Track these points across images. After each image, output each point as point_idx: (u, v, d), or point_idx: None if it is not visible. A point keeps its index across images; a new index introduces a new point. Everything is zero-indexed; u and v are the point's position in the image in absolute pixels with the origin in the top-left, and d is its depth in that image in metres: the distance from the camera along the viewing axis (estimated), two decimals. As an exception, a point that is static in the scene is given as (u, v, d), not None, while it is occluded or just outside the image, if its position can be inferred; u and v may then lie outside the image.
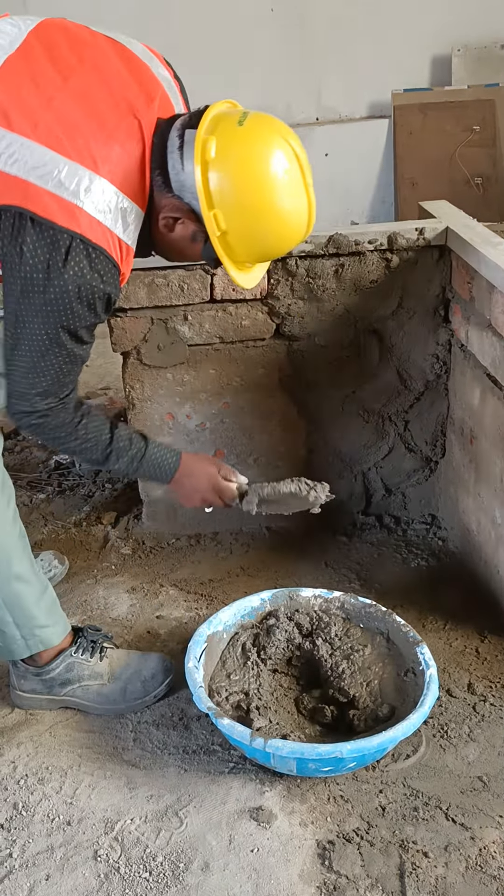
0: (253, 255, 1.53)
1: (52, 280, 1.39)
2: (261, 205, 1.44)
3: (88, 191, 1.38)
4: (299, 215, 1.48)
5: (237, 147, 1.43)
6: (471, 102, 4.85)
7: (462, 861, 1.44)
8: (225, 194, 1.42)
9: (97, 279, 1.42)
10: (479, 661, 1.89)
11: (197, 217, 1.46)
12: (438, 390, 2.27)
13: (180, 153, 1.44)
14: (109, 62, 1.49)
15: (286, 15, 4.87)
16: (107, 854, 1.48)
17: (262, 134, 1.45)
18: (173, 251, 1.57)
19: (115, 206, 1.41)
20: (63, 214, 1.36)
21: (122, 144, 1.42)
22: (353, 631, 1.80)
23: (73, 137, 1.38)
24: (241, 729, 1.52)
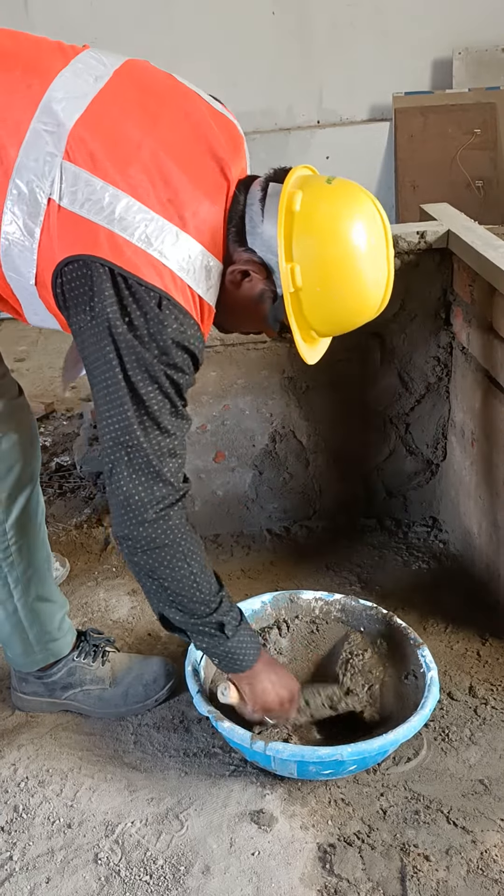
0: (323, 321, 1.41)
1: (154, 336, 1.29)
2: (342, 266, 1.35)
3: (175, 247, 1.28)
4: (378, 286, 1.39)
5: (325, 204, 1.35)
6: (472, 105, 4.85)
7: (463, 865, 1.43)
8: (306, 250, 1.33)
9: (189, 338, 1.32)
10: (480, 663, 1.89)
11: (268, 274, 1.37)
12: (440, 393, 2.27)
13: (261, 206, 1.35)
14: (198, 111, 1.39)
15: (287, 18, 4.88)
16: (107, 857, 1.47)
17: (352, 196, 1.37)
18: (236, 313, 1.45)
19: (200, 265, 1.32)
20: (149, 270, 1.27)
21: (210, 200, 1.34)
22: (353, 636, 1.80)
23: (162, 189, 1.29)
24: (242, 732, 1.52)
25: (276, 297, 1.38)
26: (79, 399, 3.31)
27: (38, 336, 3.97)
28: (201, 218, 1.32)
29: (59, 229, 1.28)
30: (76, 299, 1.30)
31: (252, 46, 4.85)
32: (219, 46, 4.77)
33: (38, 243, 1.30)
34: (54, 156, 1.28)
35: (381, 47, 4.95)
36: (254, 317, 1.44)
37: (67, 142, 1.28)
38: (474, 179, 4.88)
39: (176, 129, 1.35)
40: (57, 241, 1.29)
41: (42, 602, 1.70)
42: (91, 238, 1.26)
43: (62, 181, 1.27)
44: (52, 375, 3.54)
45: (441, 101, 4.91)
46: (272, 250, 1.35)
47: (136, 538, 1.38)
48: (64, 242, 1.28)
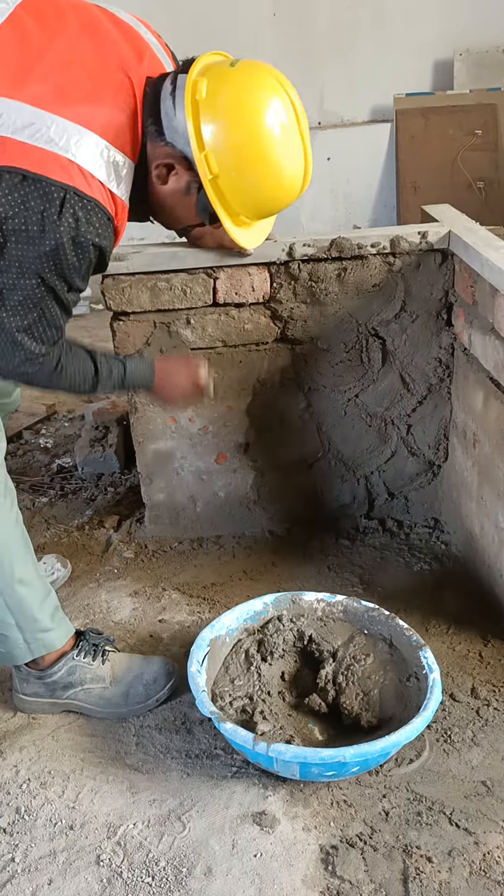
0: (247, 205, 1.47)
1: (47, 232, 1.38)
2: (253, 148, 1.40)
3: (79, 145, 1.37)
4: (295, 164, 1.43)
5: (230, 88, 1.40)
6: (473, 106, 4.86)
7: (466, 866, 1.43)
8: (216, 136, 1.38)
9: (92, 231, 1.41)
10: (482, 665, 1.89)
11: (190, 165, 1.43)
12: (441, 394, 2.27)
13: (172, 98, 1.42)
14: (97, 24, 1.49)
15: (288, 19, 4.89)
16: (109, 859, 1.47)
17: (257, 77, 1.42)
18: (169, 208, 1.53)
19: (108, 160, 1.40)
20: (55, 168, 1.36)
21: (112, 99, 1.42)
22: (357, 639, 1.79)
23: (62, 95, 1.38)
24: (244, 733, 1.52)
25: (201, 186, 1.44)
26: (80, 401, 3.31)
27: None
28: (103, 116, 1.40)
29: None
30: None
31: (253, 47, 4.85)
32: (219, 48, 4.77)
33: None
34: None
35: (381, 49, 4.97)
36: (186, 208, 1.51)
37: None
38: (475, 180, 4.89)
39: (74, 40, 1.44)
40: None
41: (23, 585, 1.68)
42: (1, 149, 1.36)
43: None
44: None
45: (442, 102, 4.92)
46: (188, 142, 1.40)
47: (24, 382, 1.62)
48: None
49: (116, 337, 2.16)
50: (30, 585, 1.69)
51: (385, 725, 1.65)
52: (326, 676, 1.74)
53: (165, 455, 2.29)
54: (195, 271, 2.07)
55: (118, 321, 2.14)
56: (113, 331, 2.15)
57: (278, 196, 1.47)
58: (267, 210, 1.52)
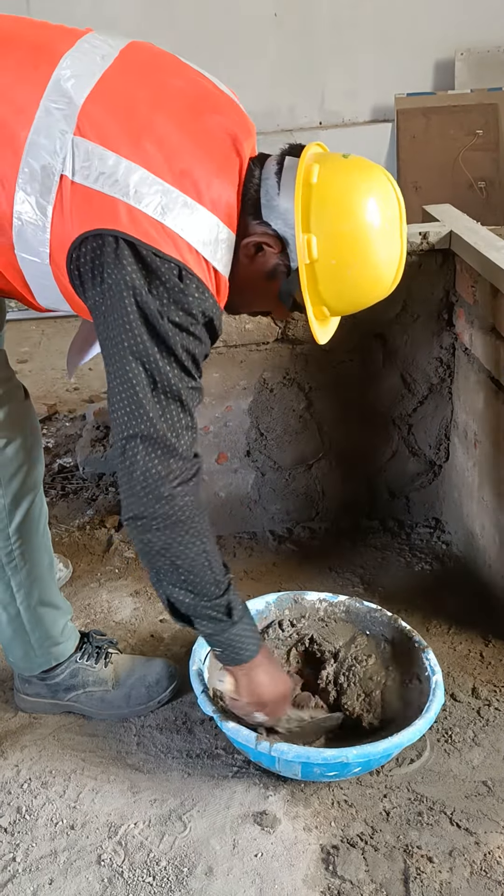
0: (336, 296, 1.39)
1: (178, 304, 1.28)
2: (357, 237, 1.34)
3: (190, 219, 1.28)
4: (392, 262, 1.38)
5: (342, 177, 1.36)
6: (474, 106, 4.86)
7: (467, 866, 1.43)
8: (322, 221, 1.32)
9: (209, 307, 1.32)
10: (483, 665, 1.89)
11: (283, 248, 1.37)
12: (442, 394, 2.27)
13: (277, 179, 1.36)
14: (205, 89, 1.41)
15: (290, 19, 4.89)
16: (110, 858, 1.47)
17: (368, 171, 1.38)
18: (247, 288, 1.42)
19: (216, 238, 1.32)
20: (167, 242, 1.26)
21: (224, 174, 1.33)
22: (359, 640, 1.79)
23: (175, 162, 1.28)
24: (247, 733, 1.52)
25: (290, 271, 1.38)
26: (81, 400, 3.31)
27: (41, 337, 3.97)
28: (216, 191, 1.31)
29: (72, 205, 1.27)
30: (93, 273, 1.28)
31: (254, 47, 4.86)
32: (221, 47, 4.78)
33: (50, 221, 1.29)
34: (66, 132, 1.27)
35: (383, 48, 4.96)
36: (265, 293, 1.43)
37: (78, 118, 1.27)
38: (476, 180, 4.89)
39: (185, 105, 1.35)
40: (71, 218, 1.28)
41: (45, 607, 1.70)
42: (107, 212, 1.25)
43: (74, 157, 1.26)
44: (54, 377, 3.55)
45: (443, 102, 4.92)
46: (288, 223, 1.35)
47: (150, 515, 1.33)
48: (78, 218, 1.27)
49: (117, 337, 2.15)
50: (51, 606, 1.72)
51: (387, 727, 1.64)
52: (328, 677, 1.74)
53: (166, 455, 2.29)
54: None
55: (119, 321, 2.14)
56: (114, 331, 2.15)
57: (369, 291, 1.41)
58: (354, 305, 1.44)
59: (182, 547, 1.37)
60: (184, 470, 1.34)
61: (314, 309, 1.40)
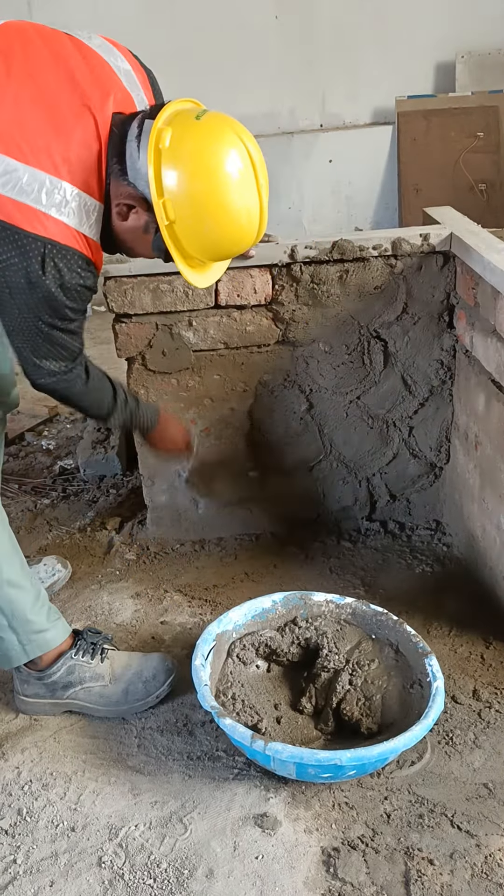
0: (201, 250, 1.52)
1: (35, 284, 1.44)
2: (209, 198, 1.45)
3: (51, 195, 1.40)
4: (249, 215, 1.48)
5: (192, 140, 1.44)
6: (475, 109, 4.86)
7: (468, 869, 1.43)
8: (175, 185, 1.43)
9: (76, 276, 1.46)
10: (484, 667, 1.89)
11: (149, 206, 1.47)
12: (443, 396, 2.27)
13: (137, 142, 1.45)
14: (65, 60, 1.50)
15: (290, 22, 4.89)
16: (111, 860, 1.47)
17: (218, 130, 1.46)
18: (127, 242, 1.58)
19: (79, 206, 1.44)
20: (29, 220, 1.39)
21: (80, 142, 1.44)
22: (364, 644, 1.79)
23: (30, 141, 1.40)
24: (243, 730, 1.52)
25: (158, 227, 1.48)
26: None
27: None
28: (71, 161, 1.43)
29: None
30: None
31: (255, 50, 4.87)
32: (222, 50, 4.79)
33: None
34: None
35: (384, 51, 4.97)
36: (145, 246, 1.56)
37: None
38: (477, 182, 4.89)
39: (40, 81, 1.45)
40: None
41: (13, 587, 1.69)
42: None
43: None
44: (55, 379, 3.54)
45: (444, 104, 4.92)
46: (149, 185, 1.44)
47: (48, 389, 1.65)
48: None
49: (118, 339, 2.16)
50: (19, 587, 1.70)
51: (386, 731, 1.64)
52: (329, 680, 1.74)
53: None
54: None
55: (120, 323, 2.14)
56: (115, 332, 2.15)
57: (231, 243, 1.53)
58: (219, 255, 1.58)
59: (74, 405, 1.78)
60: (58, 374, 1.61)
61: (184, 261, 1.53)
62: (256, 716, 1.64)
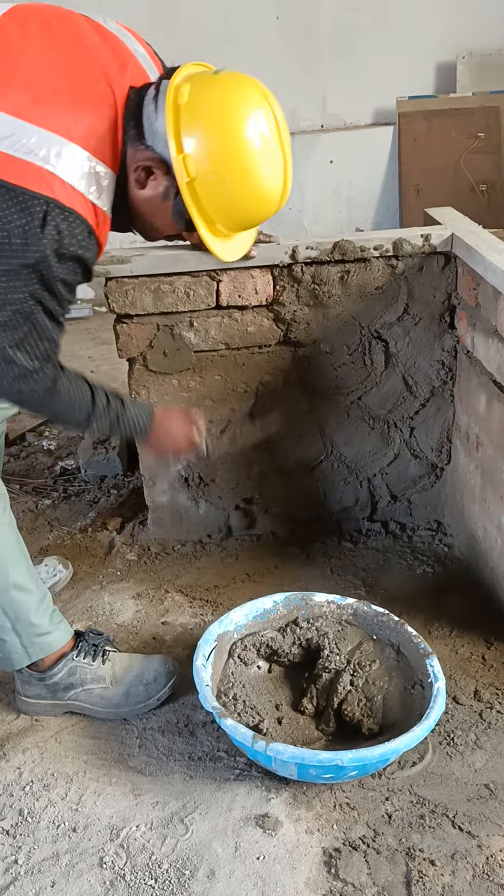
0: (224, 213, 1.45)
1: (30, 245, 1.36)
2: (231, 154, 1.39)
3: (59, 156, 1.35)
4: (274, 175, 1.42)
5: (211, 94, 1.40)
6: (476, 109, 4.86)
7: (469, 869, 1.43)
8: (196, 140, 1.37)
9: (75, 243, 1.39)
10: (485, 668, 1.89)
11: (169, 169, 1.42)
12: (444, 397, 2.27)
13: (155, 103, 1.41)
14: (81, 34, 1.47)
15: (291, 22, 4.90)
16: (112, 861, 1.47)
17: (240, 85, 1.42)
18: (147, 214, 1.50)
19: (89, 171, 1.39)
20: (35, 180, 1.34)
21: (93, 108, 1.40)
22: (365, 645, 1.79)
23: (43, 105, 1.36)
24: (244, 731, 1.52)
25: (179, 191, 1.42)
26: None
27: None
28: (84, 126, 1.38)
29: None
30: None
31: (256, 51, 4.87)
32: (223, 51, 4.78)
33: None
34: None
35: (384, 51, 4.97)
36: (164, 216, 1.48)
37: None
38: (478, 183, 4.89)
39: (56, 51, 1.42)
40: None
41: (19, 590, 1.69)
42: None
43: None
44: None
45: (445, 104, 4.92)
46: (168, 144, 1.39)
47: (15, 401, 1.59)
48: None
49: (120, 339, 2.16)
50: (25, 590, 1.70)
51: (387, 731, 1.64)
52: (331, 680, 1.74)
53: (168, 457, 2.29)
54: (198, 274, 2.08)
55: (121, 323, 2.14)
56: (116, 333, 2.15)
57: (256, 206, 1.46)
58: (244, 221, 1.50)
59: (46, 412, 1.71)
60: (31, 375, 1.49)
61: (206, 226, 1.45)
62: (258, 716, 1.64)
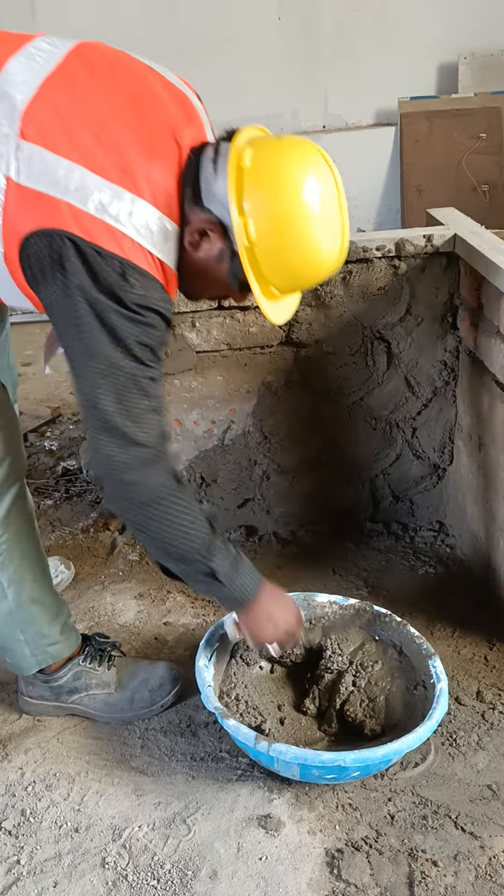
0: (280, 276, 1.42)
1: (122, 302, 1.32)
2: (293, 217, 1.37)
3: (131, 214, 1.32)
4: (332, 238, 1.40)
5: (274, 158, 1.37)
6: (477, 110, 4.86)
7: (471, 870, 1.43)
8: (257, 203, 1.35)
9: (156, 300, 1.36)
10: (487, 668, 1.88)
11: (225, 232, 1.39)
12: (446, 397, 2.27)
13: (214, 165, 1.38)
14: (148, 84, 1.43)
15: (293, 23, 4.89)
16: (115, 861, 1.47)
17: (300, 150, 1.39)
18: (198, 275, 1.46)
19: (158, 229, 1.35)
20: (108, 239, 1.31)
21: (163, 164, 1.37)
22: (368, 646, 1.79)
23: (114, 158, 1.32)
24: (247, 731, 1.52)
25: (235, 254, 1.40)
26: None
27: (45, 340, 3.97)
28: (155, 183, 1.36)
29: (17, 205, 1.32)
30: (42, 272, 1.34)
31: (257, 51, 4.87)
32: (224, 51, 4.79)
33: (1, 222, 1.34)
34: (9, 136, 1.32)
35: (386, 52, 4.96)
36: (216, 278, 1.46)
37: (21, 120, 1.32)
38: (480, 183, 4.89)
39: (126, 101, 1.39)
40: (18, 218, 1.33)
41: (37, 604, 1.70)
42: (50, 211, 1.31)
43: (18, 159, 1.32)
44: (58, 380, 3.55)
45: (447, 105, 4.92)
46: (227, 207, 1.37)
47: (121, 498, 1.43)
48: (24, 218, 1.32)
49: (122, 340, 2.16)
50: (42, 603, 1.71)
51: (390, 732, 1.64)
52: (333, 681, 1.74)
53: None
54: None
55: (124, 324, 2.14)
56: (118, 334, 2.15)
57: (313, 271, 1.44)
58: (299, 284, 1.47)
59: (156, 523, 1.43)
60: (146, 455, 1.39)
61: (261, 289, 1.42)
62: (260, 717, 1.64)
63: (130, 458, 1.38)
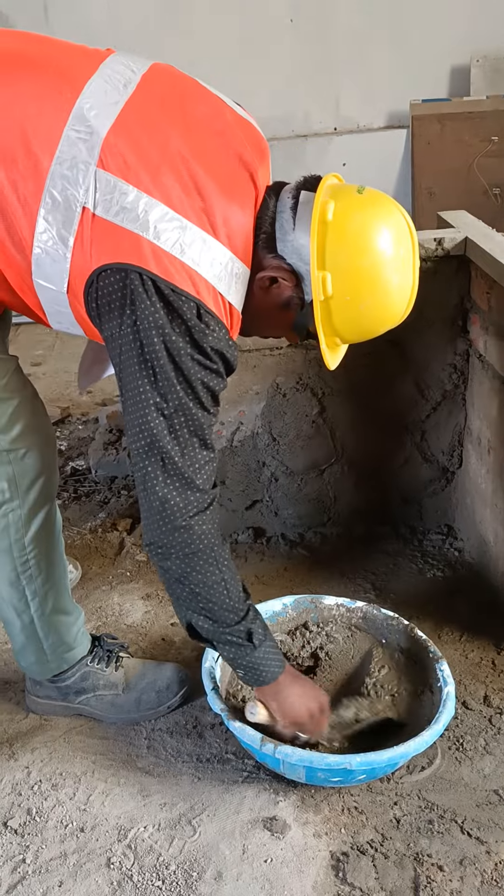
0: (349, 329, 1.42)
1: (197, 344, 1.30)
2: (373, 276, 1.37)
3: (206, 255, 1.30)
4: (403, 295, 1.41)
5: (357, 215, 1.37)
6: (489, 113, 4.85)
7: (477, 875, 1.42)
8: (338, 259, 1.34)
9: (225, 345, 1.34)
10: (495, 673, 1.88)
11: (297, 282, 1.39)
12: (456, 400, 2.26)
13: (293, 213, 1.37)
14: (225, 120, 1.40)
15: (305, 25, 4.89)
16: (120, 861, 1.47)
17: (382, 207, 1.39)
18: (260, 318, 1.45)
19: (230, 272, 1.34)
20: (184, 278, 1.28)
21: (240, 207, 1.35)
22: (375, 650, 1.78)
23: (194, 196, 1.30)
24: (252, 733, 1.52)
25: (304, 304, 1.40)
26: (94, 403, 3.32)
27: (55, 341, 3.99)
28: (232, 225, 1.33)
29: (93, 238, 1.29)
30: (111, 307, 1.31)
31: (270, 53, 4.87)
32: (237, 53, 4.79)
33: (71, 252, 1.31)
34: (88, 164, 1.28)
35: (398, 54, 4.96)
36: (279, 322, 1.46)
37: (101, 149, 1.28)
38: (491, 187, 4.87)
39: (204, 135, 1.36)
40: (91, 250, 1.29)
41: (59, 615, 1.71)
42: (130, 247, 1.27)
43: (96, 189, 1.28)
44: (67, 380, 3.56)
45: (458, 108, 4.91)
46: (303, 259, 1.37)
47: (168, 544, 1.39)
48: (99, 251, 1.29)
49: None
50: (66, 613, 1.72)
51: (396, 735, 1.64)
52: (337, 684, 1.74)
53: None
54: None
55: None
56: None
57: (381, 323, 1.44)
58: (363, 337, 1.48)
59: (200, 575, 1.41)
60: (201, 501, 1.38)
61: (327, 340, 1.42)
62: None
63: (187, 502, 1.37)
